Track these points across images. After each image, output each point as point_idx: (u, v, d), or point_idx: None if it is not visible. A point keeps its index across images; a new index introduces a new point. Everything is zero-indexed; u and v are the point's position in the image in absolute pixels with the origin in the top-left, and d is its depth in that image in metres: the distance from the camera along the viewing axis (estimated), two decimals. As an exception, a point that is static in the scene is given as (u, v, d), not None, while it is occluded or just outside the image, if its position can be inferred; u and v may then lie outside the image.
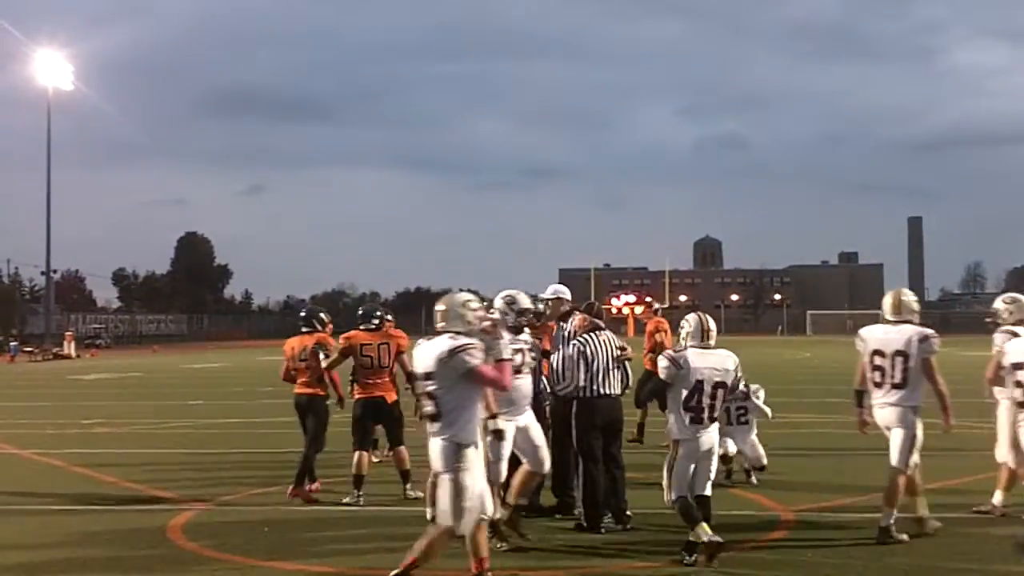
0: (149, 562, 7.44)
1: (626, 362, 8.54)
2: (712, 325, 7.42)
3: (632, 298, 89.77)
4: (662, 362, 7.33)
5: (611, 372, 8.33)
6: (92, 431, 16.54)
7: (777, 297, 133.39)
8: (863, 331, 7.97)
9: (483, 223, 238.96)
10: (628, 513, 8.31)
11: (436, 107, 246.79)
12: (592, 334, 8.45)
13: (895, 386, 7.62)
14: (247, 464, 12.52)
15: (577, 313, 8.97)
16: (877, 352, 7.77)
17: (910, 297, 8.02)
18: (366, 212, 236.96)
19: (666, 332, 14.15)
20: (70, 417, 18.72)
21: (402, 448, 9.83)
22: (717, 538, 6.85)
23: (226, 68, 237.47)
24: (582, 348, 8.31)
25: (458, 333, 6.21)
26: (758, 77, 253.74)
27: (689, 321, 7.43)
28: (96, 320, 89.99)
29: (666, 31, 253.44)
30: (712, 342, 7.35)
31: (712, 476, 7.35)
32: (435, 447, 6.14)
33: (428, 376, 6.16)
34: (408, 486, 9.65)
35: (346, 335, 9.99)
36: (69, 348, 56.13)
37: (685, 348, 7.33)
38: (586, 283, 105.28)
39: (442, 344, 6.17)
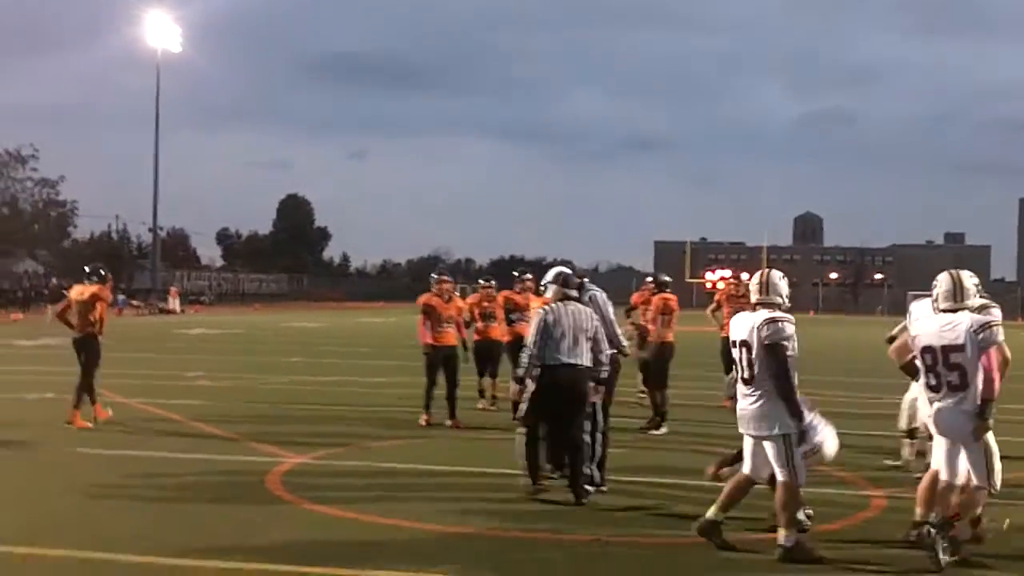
0: (248, 511, 7.68)
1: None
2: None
3: (727, 273, 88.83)
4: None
5: (573, 342, 8.22)
6: (195, 383, 17.05)
7: (878, 276, 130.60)
8: None
9: (580, 193, 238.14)
10: (587, 488, 8.24)
11: (539, 76, 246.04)
12: (559, 304, 8.38)
13: None
14: (344, 420, 12.80)
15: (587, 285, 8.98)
16: None
17: None
18: (465, 180, 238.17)
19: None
20: (174, 369, 19.32)
21: None
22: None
23: (335, 33, 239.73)
24: (544, 316, 8.28)
25: (971, 308, 6.50)
26: (870, 51, 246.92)
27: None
28: (200, 277, 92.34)
29: (777, 2, 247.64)
30: None
31: None
32: (953, 416, 6.39)
33: (955, 348, 6.36)
34: None
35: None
36: (174, 303, 57.81)
37: None
38: (681, 256, 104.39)
39: (968, 318, 6.41)
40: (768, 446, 6.56)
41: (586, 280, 9.11)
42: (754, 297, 6.81)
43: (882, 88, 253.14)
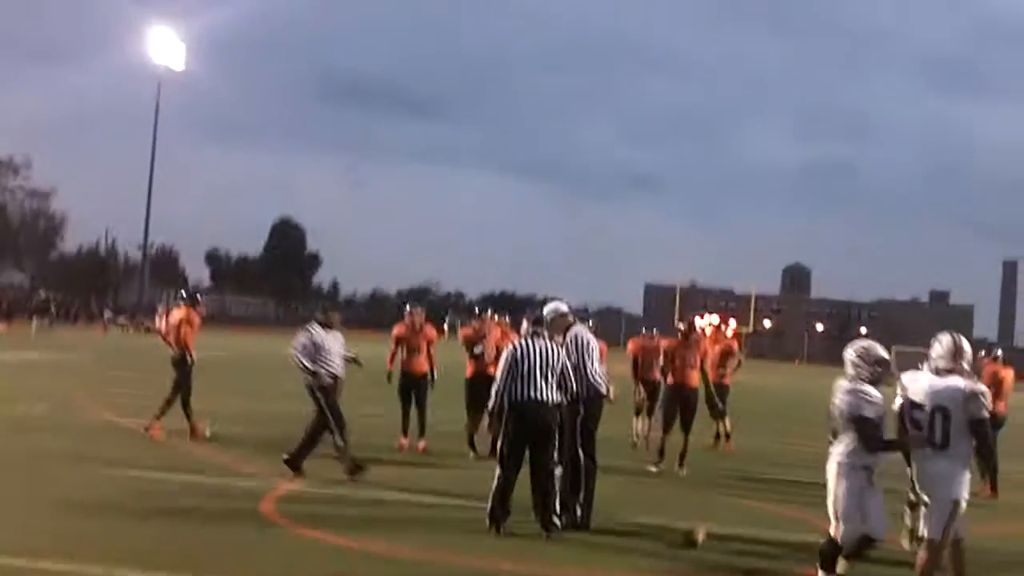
0: (243, 533, 7.79)
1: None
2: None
3: (716, 319, 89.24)
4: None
5: (542, 378, 8.37)
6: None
7: (863, 330, 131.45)
8: None
9: (576, 232, 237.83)
10: (556, 522, 8.39)
11: (544, 113, 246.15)
12: (528, 340, 8.59)
13: None
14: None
15: (580, 324, 9.22)
16: None
17: None
18: (461, 212, 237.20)
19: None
20: (163, 390, 19.30)
21: None
22: None
23: (343, 57, 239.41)
24: (512, 352, 8.49)
25: None
26: (875, 104, 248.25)
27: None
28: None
29: (784, 51, 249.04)
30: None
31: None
32: None
33: None
34: None
35: None
36: (160, 323, 57.66)
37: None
38: (671, 300, 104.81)
39: None
40: (933, 507, 6.55)
41: (578, 321, 9.31)
42: (943, 363, 6.69)
43: (882, 142, 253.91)
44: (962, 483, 6.56)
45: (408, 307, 13.83)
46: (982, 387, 6.58)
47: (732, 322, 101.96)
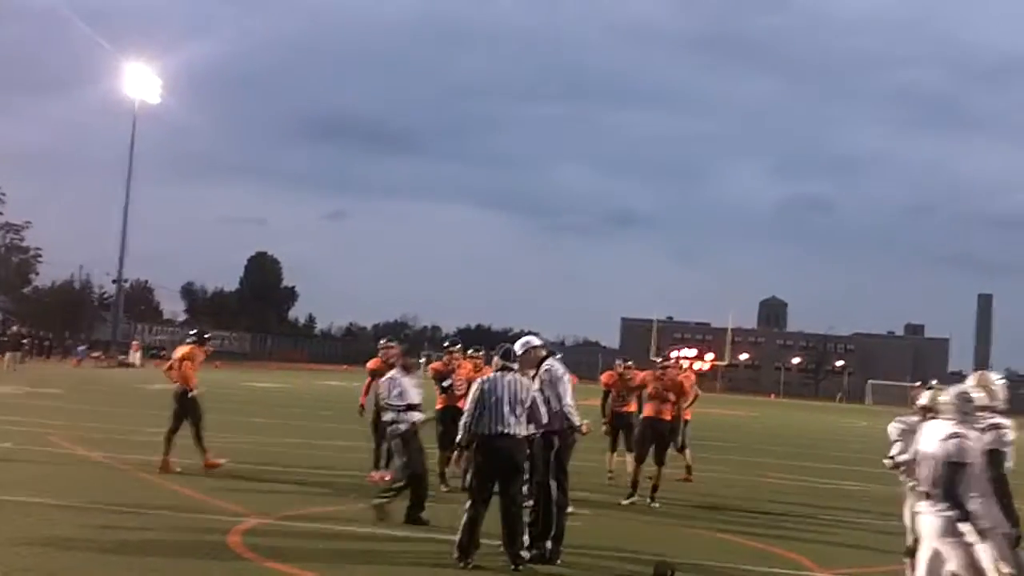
0: (209, 567, 7.74)
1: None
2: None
3: (692, 352, 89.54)
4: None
5: (510, 411, 8.40)
6: (156, 439, 16.92)
7: (839, 364, 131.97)
8: None
9: (555, 266, 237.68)
10: (523, 554, 8.39)
11: (526, 148, 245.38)
12: (497, 374, 8.66)
13: None
14: (306, 481, 12.86)
15: (550, 358, 9.26)
16: None
17: None
18: (440, 246, 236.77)
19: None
20: (136, 424, 19.21)
21: None
22: None
23: (322, 92, 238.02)
24: (480, 386, 8.57)
25: None
26: (854, 141, 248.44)
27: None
28: (162, 331, 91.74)
29: (765, 88, 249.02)
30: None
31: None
32: None
33: None
34: None
35: None
36: (134, 357, 57.33)
37: None
38: (647, 334, 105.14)
39: None
40: (987, 545, 6.32)
41: (553, 355, 9.35)
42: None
43: (861, 178, 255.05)
44: (996, 514, 6.40)
45: (382, 341, 13.98)
46: (1001, 420, 6.55)
47: (709, 355, 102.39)
